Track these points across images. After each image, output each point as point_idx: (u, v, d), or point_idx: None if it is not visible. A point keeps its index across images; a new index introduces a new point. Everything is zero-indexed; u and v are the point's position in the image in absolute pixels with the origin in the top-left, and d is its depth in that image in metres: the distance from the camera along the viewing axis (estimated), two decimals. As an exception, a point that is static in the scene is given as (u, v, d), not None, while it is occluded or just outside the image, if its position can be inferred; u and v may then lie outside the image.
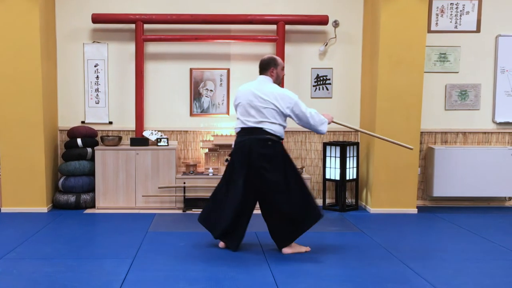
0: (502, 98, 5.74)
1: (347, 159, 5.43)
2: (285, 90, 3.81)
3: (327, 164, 5.56)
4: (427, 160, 5.75)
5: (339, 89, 5.83)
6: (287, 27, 5.62)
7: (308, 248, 3.91)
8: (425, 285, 3.18)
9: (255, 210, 3.90)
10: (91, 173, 5.50)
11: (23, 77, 5.14)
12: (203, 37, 5.60)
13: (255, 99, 3.75)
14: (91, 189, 5.49)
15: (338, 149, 5.44)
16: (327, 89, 5.82)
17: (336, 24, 5.73)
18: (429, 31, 5.58)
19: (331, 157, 5.52)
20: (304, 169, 5.81)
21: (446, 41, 5.68)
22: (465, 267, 3.57)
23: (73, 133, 5.49)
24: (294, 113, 3.76)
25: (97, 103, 5.76)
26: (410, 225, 4.90)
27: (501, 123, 5.78)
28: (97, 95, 5.75)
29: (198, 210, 5.36)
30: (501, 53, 5.69)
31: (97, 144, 5.61)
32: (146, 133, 5.60)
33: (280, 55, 5.44)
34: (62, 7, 5.66)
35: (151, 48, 5.75)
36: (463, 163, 5.57)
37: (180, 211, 5.38)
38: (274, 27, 5.59)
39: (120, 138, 5.57)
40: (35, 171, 5.23)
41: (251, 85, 3.87)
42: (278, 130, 3.76)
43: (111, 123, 5.80)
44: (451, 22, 5.66)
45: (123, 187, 5.42)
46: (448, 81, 5.73)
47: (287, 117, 3.82)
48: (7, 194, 5.26)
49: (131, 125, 5.77)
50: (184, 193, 5.41)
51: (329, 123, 3.92)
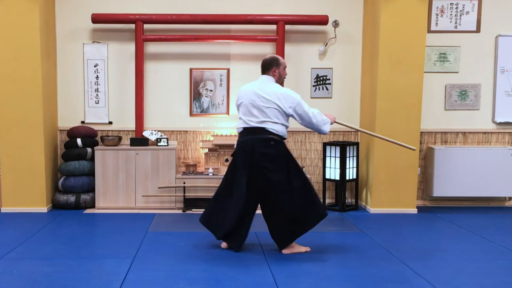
0: (502, 98, 5.74)
1: (347, 159, 5.43)
2: (287, 89, 3.80)
3: (327, 164, 5.56)
4: (427, 160, 5.75)
5: (339, 89, 5.83)
6: (287, 27, 5.62)
7: (308, 248, 3.91)
8: (425, 285, 3.18)
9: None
10: (91, 173, 5.50)
11: (23, 77, 5.14)
12: (203, 37, 5.60)
13: (258, 99, 3.74)
14: (91, 189, 5.49)
15: (338, 149, 5.44)
16: (327, 89, 5.82)
17: (336, 24, 5.73)
18: (429, 31, 5.59)
19: (331, 157, 5.52)
20: (304, 169, 5.80)
21: (446, 41, 5.68)
22: (465, 267, 3.57)
23: (73, 133, 5.49)
24: (296, 113, 3.75)
25: (97, 103, 5.76)
26: (410, 225, 4.91)
27: (501, 123, 5.78)
28: (97, 95, 5.75)
29: (198, 210, 5.36)
30: (501, 53, 5.69)
31: (97, 144, 5.61)
32: (146, 133, 5.60)
33: (280, 55, 5.43)
34: (62, 7, 5.66)
35: (151, 48, 5.75)
36: (463, 163, 5.57)
37: (180, 211, 5.38)
38: (274, 27, 5.59)
39: (120, 138, 5.56)
40: (35, 171, 5.24)
41: (253, 85, 3.85)
42: (280, 130, 3.75)
43: (111, 123, 5.80)
44: (451, 22, 5.66)
45: (123, 187, 5.42)
46: (448, 81, 5.73)
47: (289, 117, 3.82)
48: (7, 194, 5.26)
49: (131, 125, 5.77)
50: (184, 193, 5.41)
51: (332, 124, 3.92)
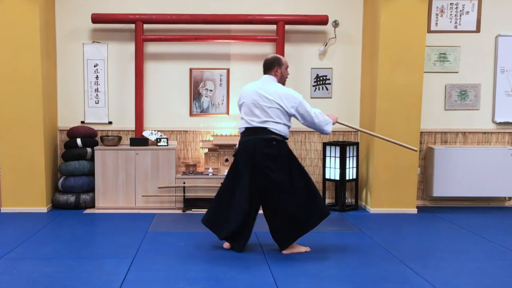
0: (502, 98, 5.74)
1: (347, 159, 5.43)
2: (289, 89, 3.79)
3: (327, 164, 5.56)
4: (427, 160, 5.75)
5: (339, 89, 5.83)
6: (287, 27, 5.62)
7: (308, 248, 3.91)
8: (425, 285, 3.18)
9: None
10: (91, 173, 5.50)
11: (23, 77, 5.14)
12: (203, 37, 5.60)
13: (260, 99, 3.73)
14: (91, 189, 5.48)
15: (338, 149, 5.44)
16: (327, 89, 5.82)
17: (336, 24, 5.72)
18: (429, 31, 5.58)
19: (331, 157, 5.52)
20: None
21: (446, 41, 5.68)
22: (465, 267, 3.57)
23: (72, 133, 5.48)
24: (298, 113, 3.75)
25: (97, 103, 5.76)
26: (410, 225, 4.90)
27: (501, 123, 5.78)
28: (97, 95, 5.75)
29: (198, 210, 5.36)
30: (501, 53, 5.69)
31: (96, 144, 5.61)
32: (145, 133, 5.60)
33: (280, 55, 5.41)
34: (62, 7, 5.66)
35: (151, 48, 5.74)
36: (463, 163, 5.57)
37: (180, 211, 5.38)
38: (274, 27, 5.59)
39: (119, 138, 5.56)
40: (35, 171, 5.23)
41: (255, 85, 3.84)
42: (282, 129, 3.75)
43: (110, 123, 5.80)
44: (451, 22, 5.66)
45: (122, 187, 5.42)
46: (448, 81, 5.73)
47: (291, 117, 3.81)
48: (7, 194, 5.26)
49: (131, 125, 5.76)
50: (184, 193, 5.41)
51: (334, 124, 3.91)
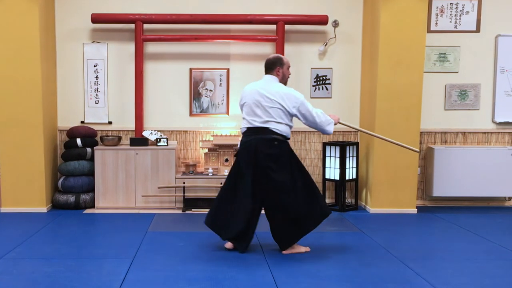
0: (501, 98, 5.73)
1: (347, 159, 5.43)
2: (291, 89, 3.78)
3: (327, 164, 5.56)
4: (426, 160, 5.75)
5: (338, 89, 5.83)
6: (287, 27, 5.61)
7: (308, 248, 3.90)
8: (425, 285, 3.18)
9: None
10: (91, 173, 5.50)
11: (22, 77, 5.13)
12: (202, 37, 5.60)
13: (261, 99, 3.72)
14: (91, 189, 5.48)
15: (337, 149, 5.44)
16: (327, 89, 5.82)
17: (335, 24, 5.72)
18: (429, 31, 5.58)
19: (330, 157, 5.52)
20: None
21: (445, 41, 5.68)
22: (465, 267, 3.57)
23: (72, 133, 5.48)
24: (300, 113, 3.74)
25: (97, 103, 5.76)
26: (410, 225, 4.90)
27: (500, 123, 5.78)
28: (97, 95, 5.75)
29: (197, 210, 5.36)
30: (501, 53, 5.68)
31: (96, 144, 5.61)
32: (145, 133, 5.59)
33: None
34: (61, 7, 5.65)
35: (151, 48, 5.74)
36: (463, 163, 5.57)
37: (179, 211, 5.38)
38: (273, 27, 5.59)
39: (119, 138, 5.56)
40: (35, 171, 5.23)
41: (257, 85, 3.83)
42: (284, 129, 3.74)
43: (110, 123, 5.80)
44: (450, 22, 5.66)
45: (122, 187, 5.42)
46: (447, 81, 5.73)
47: (293, 117, 3.80)
48: (6, 194, 5.25)
49: (131, 125, 5.76)
50: (183, 193, 5.40)
51: (336, 124, 3.91)
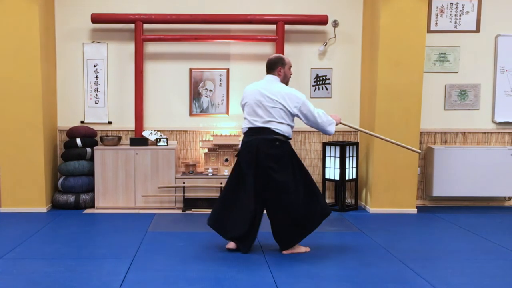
0: (501, 98, 5.73)
1: (347, 159, 5.43)
2: (292, 89, 3.78)
3: (327, 164, 5.56)
4: (426, 160, 5.75)
5: (338, 89, 5.83)
6: (287, 27, 5.61)
7: (307, 248, 3.90)
8: (425, 285, 3.18)
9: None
10: (91, 173, 5.50)
11: (22, 77, 5.13)
12: (202, 37, 5.60)
13: (263, 99, 3.72)
14: (91, 189, 5.48)
15: (337, 149, 5.44)
16: (327, 89, 5.82)
17: (335, 24, 5.72)
18: (429, 31, 5.58)
19: (330, 157, 5.51)
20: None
21: (445, 41, 5.68)
22: (465, 267, 3.57)
23: (72, 133, 5.48)
24: (301, 113, 3.74)
25: (97, 103, 5.76)
26: (409, 225, 4.90)
27: (500, 123, 5.78)
28: (97, 95, 5.75)
29: (197, 210, 5.36)
30: (501, 53, 5.68)
31: (96, 144, 5.60)
32: (145, 133, 5.59)
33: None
34: (61, 7, 5.65)
35: (151, 48, 5.74)
36: (462, 163, 5.57)
37: (179, 211, 5.38)
38: (273, 27, 5.59)
39: (119, 138, 5.56)
40: (35, 171, 5.23)
41: (258, 85, 3.83)
42: (285, 130, 3.74)
43: (110, 123, 5.80)
44: (450, 22, 5.66)
45: (122, 187, 5.42)
46: (447, 81, 5.73)
47: (294, 117, 3.80)
48: (6, 194, 5.25)
49: (131, 125, 5.76)
50: (183, 193, 5.40)
51: (337, 124, 3.91)
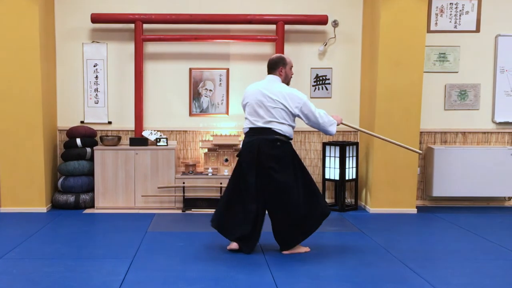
0: (501, 98, 5.73)
1: (347, 159, 5.43)
2: (293, 89, 3.78)
3: (327, 164, 5.56)
4: (426, 160, 5.74)
5: (338, 89, 5.83)
6: (287, 27, 5.61)
7: (307, 248, 3.90)
8: (425, 285, 3.18)
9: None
10: (90, 173, 5.49)
11: (22, 77, 5.13)
12: (202, 37, 5.59)
13: (264, 99, 3.71)
14: (90, 189, 5.48)
15: (337, 149, 5.44)
16: (327, 89, 5.82)
17: (335, 24, 5.72)
18: (429, 31, 5.58)
19: (330, 157, 5.51)
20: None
21: (445, 41, 5.68)
22: (465, 267, 3.57)
23: (72, 133, 5.48)
24: (303, 113, 3.74)
25: (96, 103, 5.76)
26: (409, 225, 4.90)
27: (500, 123, 5.78)
28: (96, 95, 5.75)
29: (197, 210, 5.36)
30: (501, 53, 5.68)
31: (96, 144, 5.60)
32: (145, 133, 5.59)
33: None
34: (61, 7, 5.65)
35: (151, 48, 5.74)
36: (462, 163, 5.57)
37: (179, 211, 5.38)
38: (273, 27, 5.59)
39: (119, 138, 5.56)
40: (34, 171, 5.23)
41: (259, 85, 3.82)
42: (287, 130, 3.73)
43: (110, 123, 5.79)
44: (450, 22, 5.66)
45: (122, 187, 5.42)
46: (447, 81, 5.73)
47: (295, 117, 3.80)
48: (6, 194, 5.25)
49: (130, 125, 5.76)
50: (183, 193, 5.40)
51: (339, 125, 3.90)
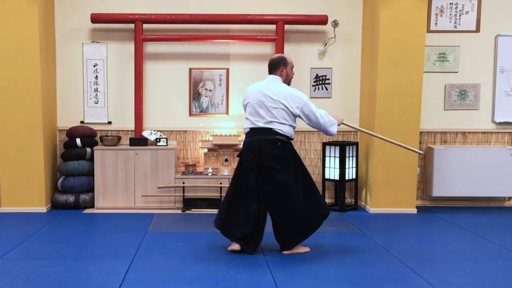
0: (501, 98, 5.73)
1: (347, 159, 5.43)
2: (294, 90, 3.78)
3: (327, 164, 5.56)
4: (426, 160, 5.74)
5: (338, 89, 5.83)
6: (287, 27, 5.61)
7: (307, 248, 3.90)
8: (424, 285, 3.18)
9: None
10: (90, 173, 5.49)
11: (22, 77, 5.13)
12: (202, 37, 5.59)
13: (265, 99, 3.71)
14: (90, 189, 5.48)
15: (337, 149, 5.44)
16: (327, 89, 5.82)
17: (335, 24, 5.72)
18: (429, 31, 5.58)
19: (330, 157, 5.51)
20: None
21: (445, 41, 5.67)
22: (465, 267, 3.57)
23: (72, 133, 5.48)
24: (303, 113, 3.73)
25: (96, 103, 5.76)
26: (409, 225, 4.90)
27: (500, 123, 5.78)
28: (96, 95, 5.75)
29: (197, 210, 5.36)
30: (501, 53, 5.68)
31: (96, 144, 5.60)
32: (145, 133, 5.59)
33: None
34: (61, 7, 5.65)
35: (150, 48, 5.74)
36: (462, 163, 5.57)
37: (179, 211, 5.38)
38: (273, 27, 5.59)
39: (119, 138, 5.56)
40: (34, 171, 5.23)
41: (260, 85, 3.82)
42: (287, 130, 3.73)
43: (110, 123, 5.79)
44: (450, 22, 5.66)
45: (122, 187, 5.42)
46: (447, 81, 5.73)
47: (296, 118, 3.79)
48: (6, 194, 5.25)
49: (130, 125, 5.76)
50: (183, 193, 5.40)
51: (339, 125, 3.90)
